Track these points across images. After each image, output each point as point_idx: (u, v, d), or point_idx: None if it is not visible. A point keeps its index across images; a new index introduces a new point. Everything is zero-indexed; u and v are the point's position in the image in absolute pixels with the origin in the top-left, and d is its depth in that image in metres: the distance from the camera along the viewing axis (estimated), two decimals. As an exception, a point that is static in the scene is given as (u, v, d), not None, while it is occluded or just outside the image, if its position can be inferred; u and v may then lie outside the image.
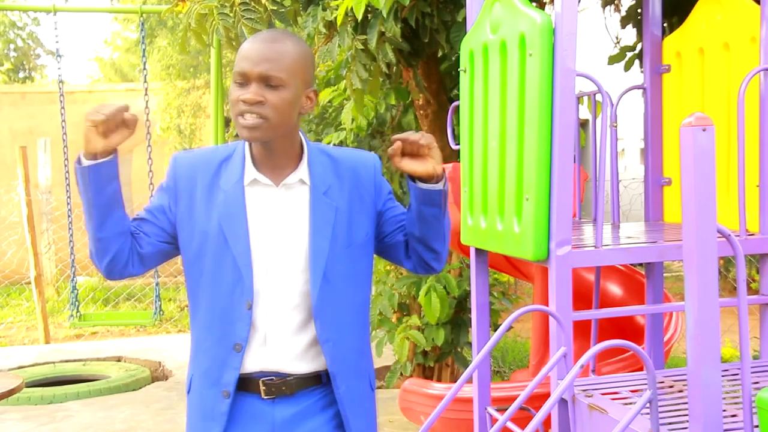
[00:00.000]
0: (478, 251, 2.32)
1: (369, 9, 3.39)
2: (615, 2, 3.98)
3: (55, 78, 6.88)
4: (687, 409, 1.67)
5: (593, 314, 2.14)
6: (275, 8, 3.59)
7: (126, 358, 6.81)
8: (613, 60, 3.76)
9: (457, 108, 2.36)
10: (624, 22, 3.68)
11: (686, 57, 2.46)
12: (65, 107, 6.74)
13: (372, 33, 3.45)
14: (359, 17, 3.29)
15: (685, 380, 1.98)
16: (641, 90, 2.58)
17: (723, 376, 1.92)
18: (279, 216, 1.87)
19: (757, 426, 1.53)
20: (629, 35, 3.80)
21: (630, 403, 1.84)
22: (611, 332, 3.29)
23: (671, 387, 1.99)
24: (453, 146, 2.51)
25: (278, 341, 1.86)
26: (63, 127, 6.76)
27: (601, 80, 2.13)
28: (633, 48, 3.70)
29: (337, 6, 3.44)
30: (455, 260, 4.73)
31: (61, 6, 6.88)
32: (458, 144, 2.35)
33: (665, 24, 3.21)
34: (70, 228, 6.73)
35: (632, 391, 1.95)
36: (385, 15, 3.29)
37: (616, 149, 2.47)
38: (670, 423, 1.72)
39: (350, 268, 1.89)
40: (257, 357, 1.86)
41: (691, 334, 1.49)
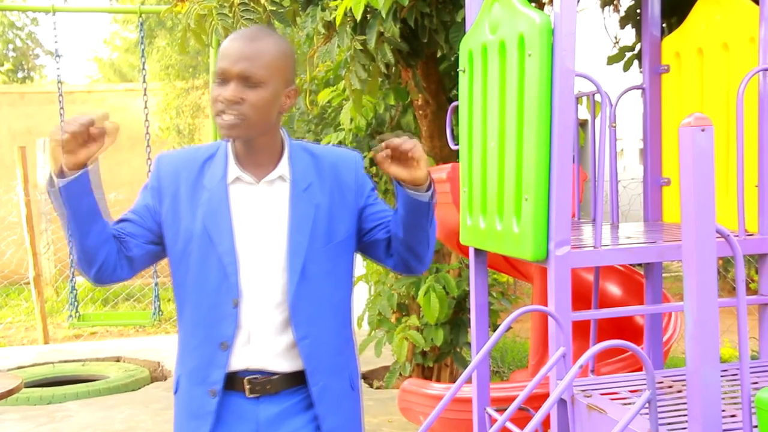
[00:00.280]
0: (477, 251, 2.32)
1: (368, 9, 3.39)
2: (614, 2, 3.98)
3: (54, 78, 6.87)
4: (686, 410, 1.67)
5: (592, 314, 2.14)
6: (274, 8, 3.59)
7: (125, 359, 6.80)
8: (612, 60, 3.76)
9: (456, 108, 2.36)
10: (623, 23, 3.68)
11: (685, 57, 2.46)
12: (64, 107, 6.73)
13: (371, 33, 3.45)
14: (358, 17, 3.28)
15: (684, 380, 1.98)
16: (640, 90, 2.58)
17: (722, 377, 1.92)
18: (260, 213, 1.87)
19: (756, 426, 1.53)
20: (628, 35, 3.80)
21: (629, 404, 1.84)
22: (610, 332, 3.29)
23: (670, 387, 1.99)
24: (452, 146, 2.51)
25: (261, 339, 1.86)
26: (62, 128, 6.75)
27: (600, 80, 2.13)
28: (632, 48, 3.70)
29: (336, 6, 3.44)
30: (454, 260, 4.73)
31: (60, 6, 6.89)
32: (457, 144, 2.35)
33: (664, 24, 3.21)
34: (70, 228, 6.72)
35: (631, 392, 1.95)
36: (384, 15, 3.29)
37: (615, 149, 2.47)
38: (670, 423, 1.72)
39: (329, 266, 1.88)
40: (242, 355, 1.86)
41: (690, 335, 1.49)
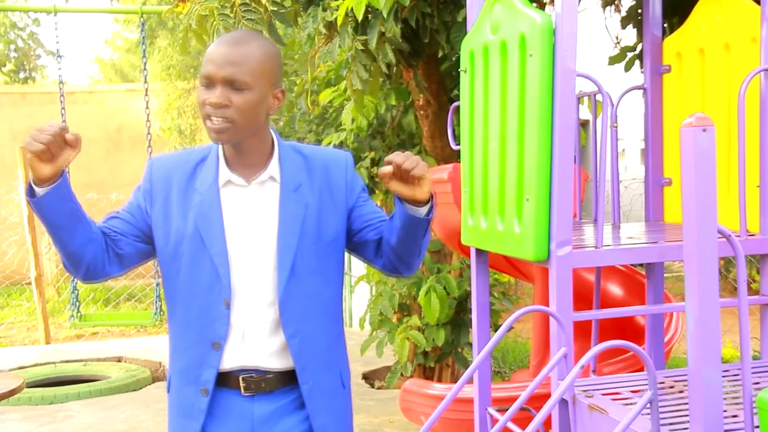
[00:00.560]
0: (479, 251, 2.32)
1: (369, 9, 3.39)
2: (615, 2, 3.97)
3: (56, 78, 6.88)
4: (688, 410, 1.67)
5: (594, 315, 2.14)
6: (275, 9, 3.58)
7: (126, 359, 6.81)
8: (614, 60, 3.75)
9: (458, 108, 2.36)
10: (624, 23, 3.67)
11: (686, 57, 2.46)
12: (66, 107, 6.74)
13: (372, 33, 3.45)
14: (359, 18, 3.28)
15: (686, 381, 1.98)
16: (641, 90, 2.57)
17: (723, 377, 1.92)
18: (251, 214, 1.88)
19: (758, 426, 1.53)
20: (629, 35, 3.79)
21: (630, 404, 1.84)
22: (612, 333, 3.29)
23: (672, 387, 1.99)
24: (453, 146, 2.51)
25: (256, 338, 1.87)
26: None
27: (602, 80, 2.13)
28: (633, 48, 3.70)
29: (338, 6, 3.44)
30: (455, 261, 4.73)
31: (62, 6, 6.90)
32: (458, 144, 2.35)
33: (665, 24, 3.20)
34: (71, 228, 6.72)
35: (633, 392, 1.95)
36: (386, 15, 3.29)
37: (617, 149, 2.47)
38: (671, 423, 1.72)
39: (319, 264, 1.89)
40: (236, 354, 1.87)
41: (692, 335, 1.48)
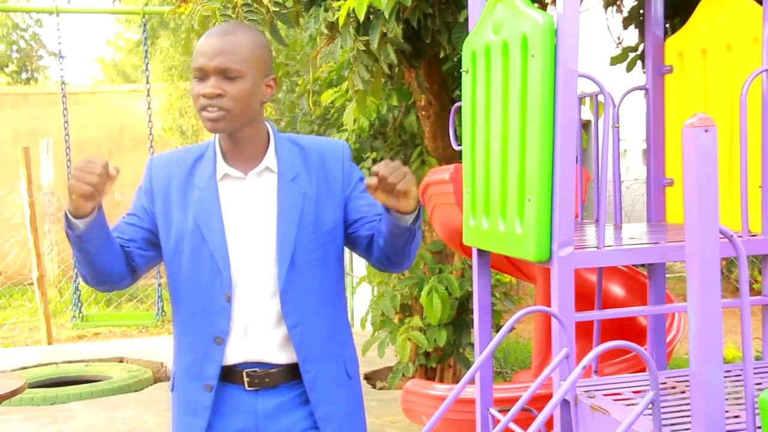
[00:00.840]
0: (480, 252, 2.31)
1: (371, 10, 3.39)
2: (617, 3, 3.97)
3: (58, 79, 6.89)
4: (689, 410, 1.67)
5: (595, 315, 2.14)
6: (277, 9, 3.59)
7: (128, 359, 6.81)
8: (615, 61, 3.75)
9: (459, 109, 2.36)
10: (626, 23, 3.67)
11: (688, 58, 2.46)
12: (68, 108, 6.75)
13: (374, 34, 3.45)
14: (361, 18, 3.28)
15: (688, 381, 1.98)
16: (643, 91, 2.57)
17: (725, 377, 1.92)
18: (250, 206, 1.89)
19: (760, 427, 1.52)
20: (631, 36, 3.79)
21: (632, 404, 1.84)
22: (613, 333, 3.28)
23: (674, 388, 1.99)
24: (455, 147, 2.51)
25: (259, 331, 1.87)
26: (65, 128, 6.77)
27: (603, 81, 2.13)
28: (635, 49, 3.70)
29: (339, 7, 3.44)
30: (457, 261, 4.73)
31: (64, 7, 6.91)
32: (460, 145, 2.35)
33: (667, 25, 3.20)
34: (73, 229, 6.72)
35: (635, 392, 1.95)
36: (387, 16, 3.29)
37: (618, 150, 2.46)
38: (673, 424, 1.72)
39: (319, 254, 1.90)
40: (239, 348, 1.87)
41: (694, 335, 1.48)
